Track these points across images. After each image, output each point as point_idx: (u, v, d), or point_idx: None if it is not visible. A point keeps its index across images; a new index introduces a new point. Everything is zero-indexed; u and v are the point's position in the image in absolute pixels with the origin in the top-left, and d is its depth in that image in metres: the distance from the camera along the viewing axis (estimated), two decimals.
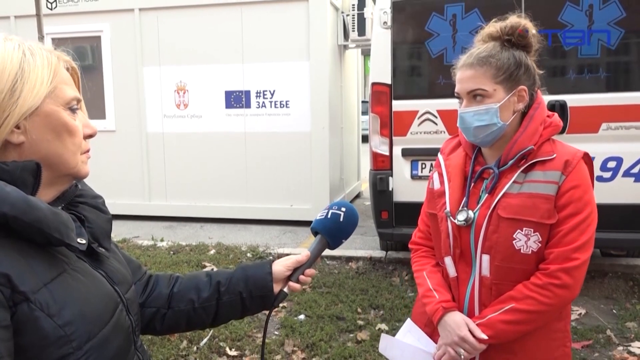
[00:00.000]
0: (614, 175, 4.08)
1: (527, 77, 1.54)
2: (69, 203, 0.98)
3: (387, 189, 4.46)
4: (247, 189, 6.88)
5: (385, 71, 4.40)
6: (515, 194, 1.50)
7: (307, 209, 6.58)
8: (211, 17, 6.70)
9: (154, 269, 5.01)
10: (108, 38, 6.97)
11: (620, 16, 3.96)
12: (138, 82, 6.98)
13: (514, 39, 1.53)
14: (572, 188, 1.46)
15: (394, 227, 4.52)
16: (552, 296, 1.45)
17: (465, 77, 1.52)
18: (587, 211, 1.46)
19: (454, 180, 1.64)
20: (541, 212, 1.46)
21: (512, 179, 1.52)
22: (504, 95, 1.51)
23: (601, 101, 4.07)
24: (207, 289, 1.24)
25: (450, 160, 1.70)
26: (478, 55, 1.52)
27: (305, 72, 6.54)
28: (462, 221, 1.57)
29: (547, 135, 1.54)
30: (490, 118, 1.51)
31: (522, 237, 1.48)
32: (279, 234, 6.41)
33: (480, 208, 1.56)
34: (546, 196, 1.47)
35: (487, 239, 1.52)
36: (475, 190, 1.60)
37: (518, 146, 1.53)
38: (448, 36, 4.27)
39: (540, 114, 1.55)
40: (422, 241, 1.79)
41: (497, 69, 1.50)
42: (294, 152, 6.67)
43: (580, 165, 1.49)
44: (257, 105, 6.72)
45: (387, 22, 4.35)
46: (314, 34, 6.44)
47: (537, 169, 1.50)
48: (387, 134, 4.43)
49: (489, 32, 1.56)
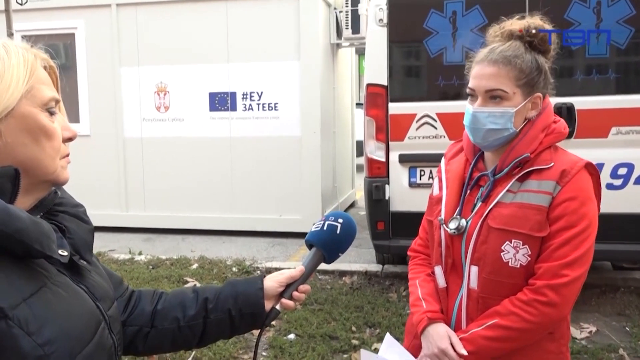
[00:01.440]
0: (625, 183, 4.12)
1: (544, 84, 1.56)
2: (48, 212, 0.98)
3: (383, 197, 4.47)
4: (232, 198, 6.87)
5: (381, 72, 4.43)
6: (507, 203, 1.52)
7: (297, 220, 6.57)
8: (194, 14, 6.71)
9: (131, 285, 4.97)
10: (82, 35, 6.95)
11: (630, 14, 4.03)
12: (115, 83, 6.96)
13: (536, 41, 1.54)
14: (566, 200, 1.47)
15: (390, 239, 4.53)
16: (537, 314, 1.46)
17: (486, 74, 1.52)
18: (582, 225, 1.46)
19: (452, 186, 1.67)
20: (531, 223, 1.48)
21: (507, 187, 1.54)
22: (521, 100, 1.52)
23: (611, 104, 4.13)
24: (194, 306, 1.24)
25: (451, 165, 1.72)
26: (503, 53, 1.52)
27: (295, 73, 6.56)
28: (454, 229, 1.59)
29: (548, 142, 1.55)
30: (505, 123, 1.52)
31: (510, 250, 1.49)
32: (267, 247, 6.40)
33: (473, 217, 1.58)
34: (538, 207, 1.48)
35: (476, 250, 1.55)
36: (470, 198, 1.62)
37: (514, 153, 1.55)
38: (448, 34, 4.31)
39: (543, 120, 1.57)
40: (421, 249, 1.82)
41: (521, 71, 1.51)
42: (283, 158, 6.67)
43: (580, 176, 1.49)
44: (243, 107, 6.73)
45: (383, 19, 4.39)
46: (304, 31, 6.47)
47: (533, 178, 1.52)
48: (383, 138, 4.46)
49: (511, 30, 1.56)
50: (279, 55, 6.58)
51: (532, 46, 1.55)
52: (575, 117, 4.10)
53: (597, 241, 1.54)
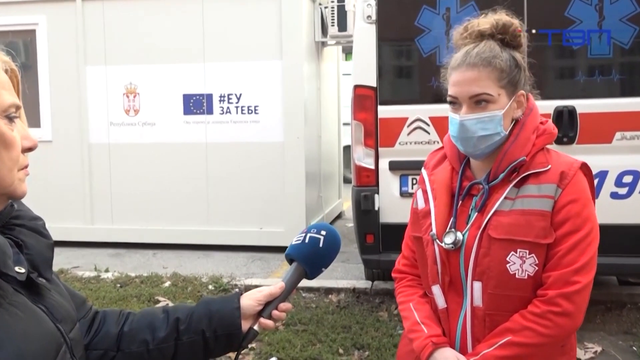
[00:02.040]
0: (631, 192, 4.17)
1: (525, 80, 1.60)
2: (4, 226, 0.97)
3: (372, 208, 4.49)
4: (208, 209, 6.84)
5: (370, 72, 4.45)
6: (507, 211, 1.53)
7: (279, 233, 6.56)
8: (167, 9, 6.70)
9: (97, 305, 4.93)
10: (44, 32, 6.90)
11: (634, 11, 4.10)
12: (80, 83, 6.92)
13: (507, 37, 1.58)
14: (569, 202, 1.50)
15: (380, 253, 4.54)
16: (553, 326, 1.48)
17: (467, 79, 1.55)
18: (587, 228, 1.50)
19: (440, 198, 1.67)
20: (536, 230, 1.49)
21: (504, 194, 1.55)
22: (507, 101, 1.56)
23: (615, 107, 4.19)
24: (164, 328, 1.24)
25: (435, 175, 1.72)
26: (481, 54, 1.55)
27: (277, 73, 6.57)
28: (450, 244, 1.59)
29: (541, 144, 1.58)
30: (495, 127, 1.55)
31: (516, 260, 1.51)
32: (246, 262, 6.37)
33: (470, 229, 1.59)
34: (541, 212, 1.50)
35: (478, 264, 1.55)
36: (463, 209, 1.63)
37: (509, 158, 1.56)
38: (441, 33, 4.35)
39: (533, 121, 1.60)
40: (407, 269, 1.81)
41: (501, 71, 1.54)
42: (264, 166, 6.66)
43: (578, 177, 1.53)
44: (220, 111, 6.72)
45: (372, 15, 4.42)
46: (287, 28, 6.49)
47: (531, 183, 1.54)
48: (372, 144, 4.47)
49: (480, 30, 1.59)
50: (260, 54, 6.59)
51: (505, 43, 1.58)
52: (577, 121, 4.15)
53: (601, 254, 1.56)
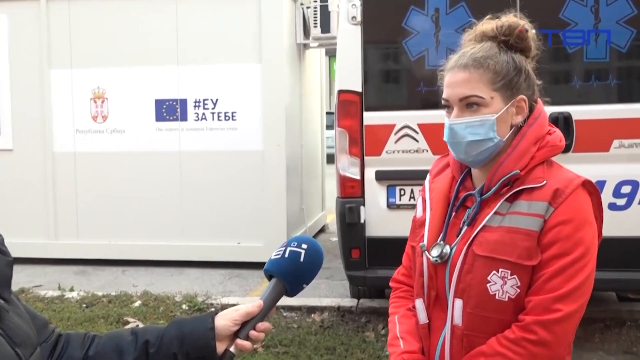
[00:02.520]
0: (629, 203, 4.22)
1: (527, 85, 1.60)
2: None
3: (358, 221, 4.49)
4: (182, 223, 6.81)
5: (355, 76, 4.47)
6: (495, 227, 1.54)
7: (258, 247, 6.54)
8: (138, 9, 6.69)
9: (61, 327, 4.87)
10: (5, 32, 6.85)
11: (630, 14, 4.17)
12: (43, 88, 6.87)
13: (511, 40, 1.59)
14: (560, 223, 1.49)
15: (367, 269, 4.53)
16: (526, 354, 1.47)
17: (458, 81, 1.56)
18: (579, 253, 1.47)
19: (436, 207, 1.68)
20: (519, 250, 1.49)
21: (494, 209, 1.56)
22: (502, 105, 1.56)
23: (612, 114, 4.24)
24: (132, 351, 1.23)
25: (436, 183, 1.74)
26: (473, 55, 1.57)
27: (256, 77, 6.57)
28: (436, 257, 1.60)
29: (541, 157, 1.58)
30: (486, 132, 1.55)
31: (497, 280, 1.51)
32: (223, 280, 6.35)
33: (458, 243, 1.60)
34: (527, 232, 1.50)
35: (461, 281, 1.56)
36: (456, 221, 1.64)
37: (502, 170, 1.57)
38: (430, 35, 4.39)
39: (536, 131, 1.59)
40: (404, 279, 1.82)
41: (496, 73, 1.55)
42: (242, 176, 6.65)
43: (576, 196, 1.51)
44: (195, 117, 6.71)
45: (357, 16, 4.45)
46: (266, 29, 6.50)
47: (523, 199, 1.54)
48: (357, 153, 4.48)
49: (484, 30, 1.61)
50: (237, 56, 6.59)
51: (509, 46, 1.59)
52: (573, 129, 4.19)
53: (599, 269, 1.56)
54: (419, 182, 1.84)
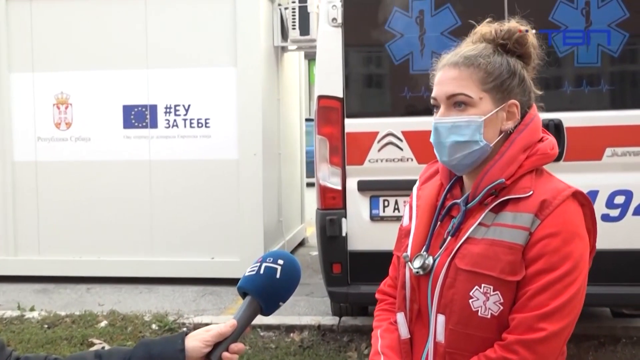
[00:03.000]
0: (623, 214, 4.27)
1: (522, 91, 1.61)
2: None
3: (339, 234, 4.49)
4: (152, 237, 6.76)
5: (335, 81, 4.48)
6: (479, 239, 1.54)
7: (233, 263, 6.51)
8: (105, 9, 6.67)
9: (21, 350, 4.80)
10: None
11: (623, 16, 4.23)
12: (2, 93, 6.81)
13: (510, 44, 1.61)
14: (546, 237, 1.49)
15: (349, 285, 4.53)
16: None
17: (447, 79, 1.58)
18: (566, 268, 1.47)
19: (422, 216, 1.69)
20: (502, 265, 1.49)
21: (479, 219, 1.56)
22: (491, 108, 1.57)
23: (604, 120, 4.30)
24: None
25: (424, 190, 1.75)
26: (465, 53, 1.59)
27: (231, 82, 6.57)
28: (418, 269, 1.61)
29: (530, 165, 1.58)
30: (472, 134, 1.56)
31: (480, 296, 1.51)
32: (195, 297, 6.31)
33: (442, 254, 1.60)
34: (510, 245, 1.50)
35: (443, 295, 1.56)
36: (441, 231, 1.65)
37: (488, 178, 1.57)
38: (414, 37, 4.42)
39: (525, 138, 1.60)
40: (390, 290, 1.83)
41: (487, 73, 1.56)
42: (216, 187, 6.63)
43: (565, 208, 1.52)
44: (166, 124, 6.68)
45: (337, 18, 4.47)
46: (242, 31, 6.51)
47: (509, 210, 1.54)
48: (338, 162, 4.49)
49: (483, 33, 1.63)
50: (211, 60, 6.59)
51: (507, 50, 1.61)
52: (564, 136, 4.24)
53: (592, 283, 1.57)
54: (404, 193, 1.85)
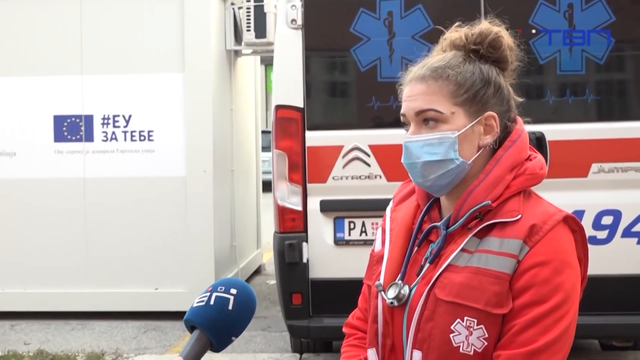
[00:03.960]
0: (611, 236, 4.34)
1: (499, 100, 1.62)
2: None
3: (300, 260, 4.48)
4: (87, 265, 6.67)
5: (295, 89, 4.49)
6: (461, 267, 1.54)
7: (180, 294, 6.45)
8: (33, 8, 6.60)
9: None
10: None
11: (608, 20, 4.34)
12: None
13: (483, 49, 1.62)
14: (536, 265, 1.49)
15: (310, 318, 4.52)
16: None
17: (415, 94, 1.59)
18: (557, 300, 1.48)
19: (397, 240, 1.69)
20: (487, 296, 1.50)
21: (461, 245, 1.57)
22: (465, 122, 1.58)
23: (590, 134, 4.38)
24: None
25: (398, 212, 1.75)
26: (432, 65, 1.60)
27: (177, 89, 6.55)
28: (392, 299, 1.60)
29: (518, 186, 1.59)
30: (445, 151, 1.57)
31: (462, 330, 1.51)
32: (136, 334, 6.25)
33: (419, 283, 1.60)
34: (497, 274, 1.50)
35: (420, 329, 1.56)
36: (418, 257, 1.65)
37: (472, 200, 1.58)
38: (382, 41, 4.46)
39: (513, 156, 1.61)
40: (360, 324, 1.82)
41: (458, 85, 1.58)
42: (161, 208, 6.58)
43: (556, 234, 1.53)
44: (103, 137, 6.62)
45: (297, 19, 4.48)
46: (190, 33, 6.50)
47: (495, 235, 1.55)
48: (298, 179, 4.49)
49: (452, 39, 1.65)
50: (155, 65, 6.56)
51: (480, 56, 1.63)
52: (546, 151, 4.30)
53: (579, 313, 1.58)
54: (372, 214, 1.85)
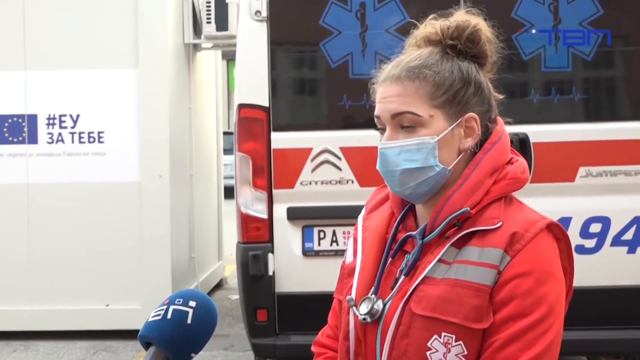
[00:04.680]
0: (600, 245, 4.39)
1: (480, 100, 1.64)
2: None
3: (265, 273, 4.47)
4: (30, 280, 6.61)
5: (260, 87, 4.49)
6: (439, 279, 1.55)
7: (134, 311, 6.41)
8: None
9: None
10: None
11: (595, 14, 4.40)
12: None
13: (460, 44, 1.63)
14: (517, 276, 1.51)
15: (277, 335, 4.51)
16: None
17: (390, 95, 1.60)
18: (540, 313, 1.49)
19: (370, 251, 1.70)
20: (467, 310, 1.51)
21: (438, 255, 1.58)
22: (444, 125, 1.59)
23: (577, 135, 4.43)
24: None
25: (371, 220, 1.76)
26: (408, 64, 1.61)
27: (130, 87, 6.52)
28: (365, 315, 1.61)
29: (499, 192, 1.61)
30: (425, 158, 1.58)
31: (439, 347, 1.52)
32: (85, 355, 6.22)
33: (393, 297, 1.61)
34: (476, 287, 1.52)
35: (395, 346, 1.57)
36: (392, 269, 1.66)
37: (450, 207, 1.59)
38: (354, 35, 4.47)
39: (493, 159, 1.63)
40: (330, 342, 1.83)
41: (436, 85, 1.59)
42: (113, 217, 6.54)
43: (539, 242, 1.54)
44: (49, 139, 6.57)
45: (261, 11, 4.48)
46: (144, 25, 6.47)
47: (474, 244, 1.56)
48: (263, 185, 4.48)
49: (426, 34, 1.65)
50: (106, 60, 6.53)
51: (458, 52, 1.64)
52: (530, 153, 4.34)
53: (566, 327, 1.60)
54: (344, 222, 1.86)
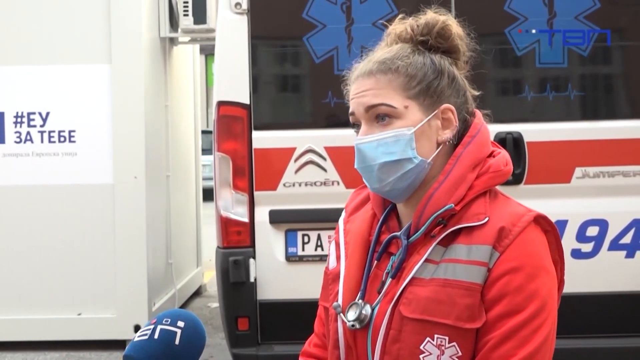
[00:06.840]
0: (597, 249, 4.41)
1: (454, 92, 1.68)
2: None
3: (246, 279, 4.46)
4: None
5: (240, 83, 4.48)
6: (427, 280, 1.58)
7: (107, 320, 6.41)
8: None
9: None
10: None
11: (592, 7, 4.42)
12: None
13: (431, 39, 1.67)
14: (507, 273, 1.54)
15: (259, 345, 4.50)
16: None
17: (363, 90, 1.63)
18: (533, 309, 1.52)
19: (353, 255, 1.72)
20: (459, 310, 1.53)
21: (425, 255, 1.60)
22: (420, 117, 1.62)
23: (573, 134, 4.45)
24: None
25: (353, 222, 1.78)
26: (379, 58, 1.65)
27: (103, 83, 6.49)
28: (353, 321, 1.62)
29: (482, 186, 1.64)
30: (403, 150, 1.60)
31: (433, 350, 1.54)
32: None
33: (382, 301, 1.63)
34: (467, 286, 1.54)
35: (387, 351, 1.58)
36: (378, 272, 1.68)
37: (433, 204, 1.61)
38: (340, 29, 4.48)
39: (473, 152, 1.66)
40: (318, 351, 1.85)
41: (409, 76, 1.62)
42: (85, 221, 6.51)
43: (527, 236, 1.57)
44: (16, 138, 6.54)
45: (242, 3, 4.47)
46: (118, 18, 6.45)
47: (461, 241, 1.59)
48: (244, 187, 4.48)
49: (397, 32, 1.70)
50: (78, 54, 6.50)
51: (429, 47, 1.68)
52: (524, 153, 4.36)
53: (561, 335, 1.62)
54: (329, 226, 1.86)
